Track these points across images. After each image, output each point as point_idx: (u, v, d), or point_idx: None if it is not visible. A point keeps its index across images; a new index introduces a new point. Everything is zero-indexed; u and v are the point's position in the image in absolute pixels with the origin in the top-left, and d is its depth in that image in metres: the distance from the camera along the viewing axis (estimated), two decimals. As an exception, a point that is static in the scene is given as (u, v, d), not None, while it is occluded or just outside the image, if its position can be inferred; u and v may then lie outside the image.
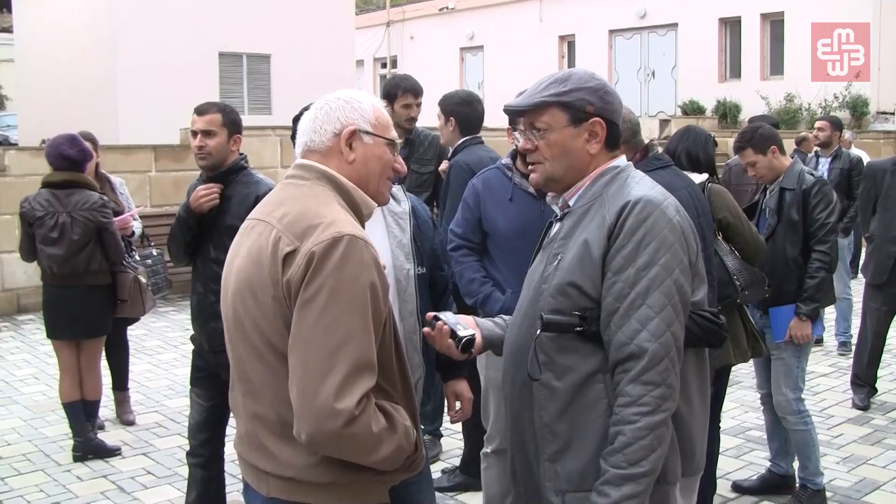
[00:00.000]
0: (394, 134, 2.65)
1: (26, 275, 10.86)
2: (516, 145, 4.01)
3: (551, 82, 2.60)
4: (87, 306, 6.22)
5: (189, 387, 4.66)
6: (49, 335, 6.34)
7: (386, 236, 3.33)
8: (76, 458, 6.15)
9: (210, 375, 4.48)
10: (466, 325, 2.85)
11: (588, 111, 2.55)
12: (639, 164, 3.91)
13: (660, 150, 4.43)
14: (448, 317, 2.86)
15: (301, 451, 2.37)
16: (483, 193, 4.48)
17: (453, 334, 2.80)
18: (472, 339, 2.81)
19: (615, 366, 2.40)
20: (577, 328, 2.44)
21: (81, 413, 6.26)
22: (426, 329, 2.89)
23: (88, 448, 6.20)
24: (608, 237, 2.43)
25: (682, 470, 2.50)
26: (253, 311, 2.39)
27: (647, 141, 4.31)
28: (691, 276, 2.49)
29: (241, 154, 4.57)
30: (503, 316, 3.00)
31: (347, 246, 2.28)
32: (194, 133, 4.48)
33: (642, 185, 2.54)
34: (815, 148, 9.88)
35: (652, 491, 2.39)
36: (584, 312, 2.44)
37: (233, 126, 4.50)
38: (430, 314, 2.91)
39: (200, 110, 4.50)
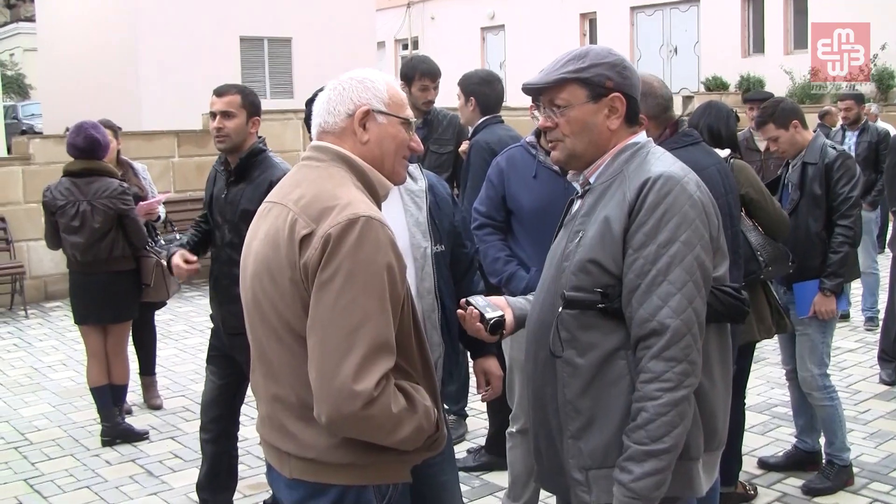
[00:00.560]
0: (409, 112, 2.64)
1: (53, 262, 10.94)
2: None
3: (569, 59, 2.59)
4: (112, 292, 6.27)
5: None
6: (76, 321, 6.40)
7: (403, 215, 3.31)
8: (105, 443, 6.22)
9: (225, 355, 4.53)
10: (496, 307, 2.86)
11: (607, 86, 2.54)
12: (668, 141, 3.87)
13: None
14: (477, 300, 2.88)
15: (322, 433, 2.38)
16: (507, 171, 4.47)
17: (482, 317, 2.81)
18: (500, 321, 2.82)
19: (637, 342, 2.40)
20: (599, 305, 2.44)
21: (109, 398, 6.31)
22: (459, 311, 2.91)
23: (116, 432, 6.26)
24: (629, 214, 2.43)
25: (704, 445, 2.50)
26: (271, 294, 2.40)
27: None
28: (713, 251, 2.48)
29: (260, 137, 4.56)
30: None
31: (363, 227, 2.29)
32: (213, 115, 4.49)
33: (663, 161, 2.53)
34: (840, 122, 9.81)
35: (675, 467, 2.39)
36: (605, 289, 2.44)
37: (252, 108, 4.50)
38: (462, 300, 2.91)
39: (219, 92, 4.51)
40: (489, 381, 3.66)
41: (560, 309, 2.47)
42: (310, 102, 2.81)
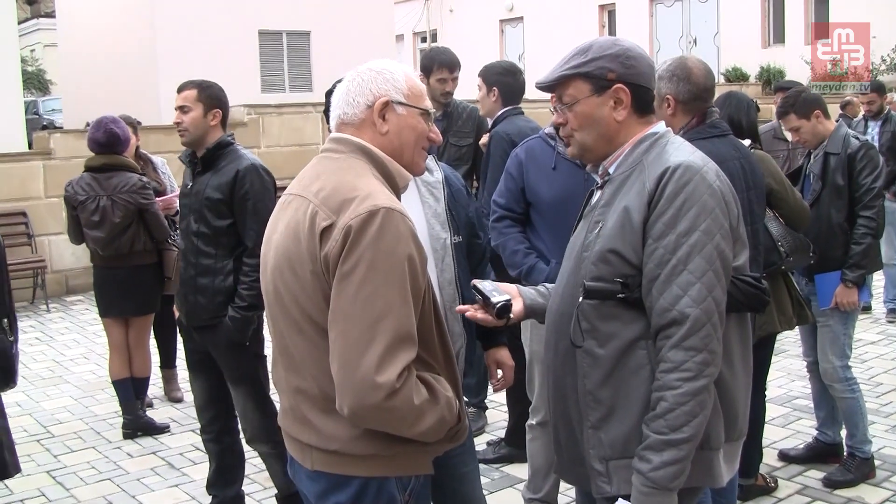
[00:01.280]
0: (428, 103, 2.64)
1: (74, 256, 11.01)
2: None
3: (574, 54, 2.60)
4: (135, 285, 6.31)
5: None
6: (101, 314, 6.46)
7: (420, 206, 3.31)
8: (126, 436, 6.26)
9: (201, 358, 4.62)
10: (503, 292, 2.84)
11: (609, 78, 2.54)
12: (693, 131, 3.81)
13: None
14: (485, 284, 2.87)
15: (344, 424, 2.39)
16: (526, 163, 4.45)
17: (486, 301, 2.81)
18: (506, 305, 2.80)
19: (657, 332, 2.39)
20: (619, 295, 2.44)
21: (131, 391, 6.36)
22: (460, 307, 2.91)
23: (138, 425, 6.30)
24: (648, 203, 2.42)
25: (725, 436, 2.49)
26: (292, 286, 2.41)
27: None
28: (733, 240, 2.47)
29: (230, 133, 4.64)
30: (546, 284, 2.99)
31: (384, 219, 2.29)
32: (175, 110, 4.61)
33: (682, 151, 2.52)
34: (862, 112, 9.75)
35: (696, 457, 2.38)
36: (625, 279, 2.43)
37: (210, 101, 4.56)
38: (473, 282, 2.91)
39: (179, 88, 4.63)
40: (502, 371, 3.68)
41: (580, 299, 2.47)
42: (329, 94, 2.82)
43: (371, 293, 2.25)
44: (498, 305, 2.79)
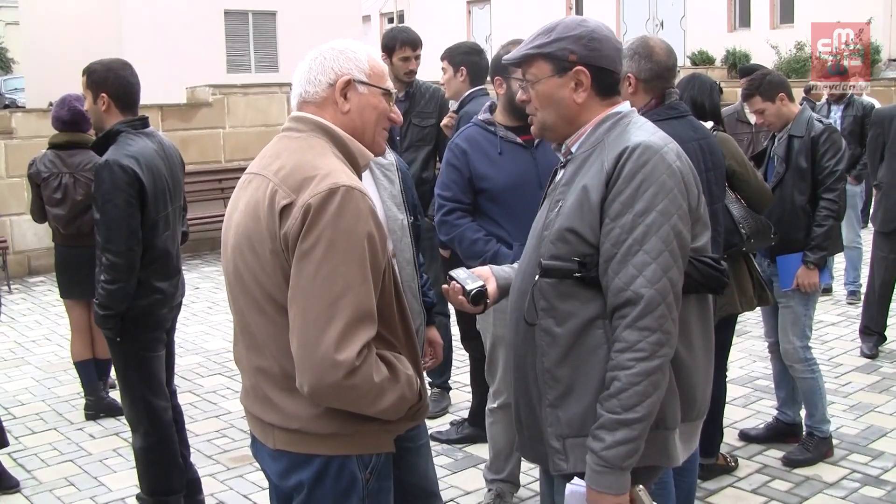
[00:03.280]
0: (389, 83, 2.64)
1: (36, 237, 10.90)
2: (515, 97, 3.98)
3: (539, 33, 2.61)
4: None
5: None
6: (62, 294, 6.40)
7: (375, 189, 3.33)
8: (88, 417, 6.23)
9: None
10: (477, 278, 2.85)
11: (570, 60, 2.54)
12: (651, 112, 3.81)
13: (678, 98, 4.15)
14: (459, 273, 2.88)
15: (305, 403, 2.39)
16: (470, 152, 4.38)
17: (463, 290, 2.81)
18: (481, 291, 2.81)
19: (613, 312, 2.40)
20: (577, 274, 2.44)
21: (93, 372, 6.32)
22: (444, 287, 2.92)
23: (100, 406, 6.26)
24: (606, 183, 2.42)
25: (682, 415, 2.51)
26: (252, 265, 2.40)
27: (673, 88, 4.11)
28: (692, 221, 2.47)
29: (134, 119, 4.32)
30: (515, 265, 3.00)
31: (344, 197, 2.28)
32: None
33: (643, 131, 2.52)
34: (825, 97, 9.84)
35: (651, 436, 2.40)
36: (583, 258, 2.44)
37: (95, 86, 4.26)
38: (450, 273, 2.92)
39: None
40: (433, 349, 3.78)
41: (537, 277, 2.48)
42: None
43: (331, 271, 2.25)
44: (472, 293, 2.80)
